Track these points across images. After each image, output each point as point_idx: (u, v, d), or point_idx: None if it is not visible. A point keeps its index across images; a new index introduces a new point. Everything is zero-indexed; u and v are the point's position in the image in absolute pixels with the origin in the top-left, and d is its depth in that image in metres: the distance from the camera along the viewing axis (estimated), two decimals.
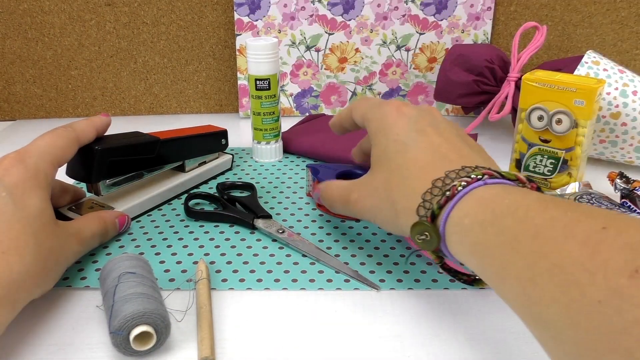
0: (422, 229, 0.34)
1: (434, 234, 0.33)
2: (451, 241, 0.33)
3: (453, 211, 0.32)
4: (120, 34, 0.80)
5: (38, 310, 0.40)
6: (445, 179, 0.34)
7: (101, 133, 0.48)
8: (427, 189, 0.35)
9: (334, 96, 0.83)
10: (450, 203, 0.33)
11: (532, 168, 0.56)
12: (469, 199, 0.32)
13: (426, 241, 0.34)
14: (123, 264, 0.39)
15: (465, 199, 0.32)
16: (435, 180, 0.34)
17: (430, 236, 0.34)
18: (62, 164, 0.43)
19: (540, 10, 0.79)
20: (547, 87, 0.53)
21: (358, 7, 0.78)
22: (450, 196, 0.33)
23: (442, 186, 0.34)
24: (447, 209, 0.33)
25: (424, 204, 0.34)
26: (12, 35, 0.79)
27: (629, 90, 0.59)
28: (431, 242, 0.34)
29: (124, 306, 0.35)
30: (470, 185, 0.33)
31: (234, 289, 0.43)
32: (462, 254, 0.33)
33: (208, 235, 0.50)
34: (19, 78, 0.82)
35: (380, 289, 0.42)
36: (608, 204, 0.48)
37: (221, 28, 0.81)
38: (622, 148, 0.61)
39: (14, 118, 0.85)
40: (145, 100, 0.85)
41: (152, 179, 0.57)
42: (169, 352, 0.36)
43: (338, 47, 0.80)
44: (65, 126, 0.44)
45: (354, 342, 0.37)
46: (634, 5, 0.77)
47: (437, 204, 0.33)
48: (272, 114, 0.65)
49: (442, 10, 0.78)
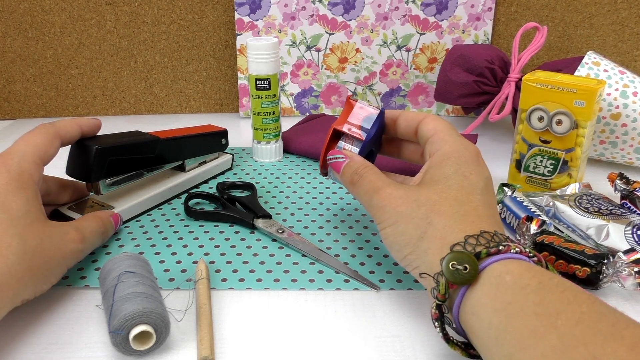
0: (464, 259, 0.31)
1: (474, 270, 0.31)
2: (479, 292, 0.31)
3: (496, 264, 0.31)
4: (120, 34, 0.80)
5: (38, 309, 0.40)
6: (494, 235, 0.33)
7: (87, 132, 0.47)
8: (475, 233, 0.33)
9: (334, 96, 0.83)
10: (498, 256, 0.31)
11: (532, 169, 0.56)
12: (516, 263, 0.31)
13: (460, 273, 0.31)
14: (123, 264, 0.39)
15: (512, 261, 0.31)
16: (484, 232, 0.33)
17: (469, 269, 0.31)
18: (46, 161, 0.42)
19: (541, 11, 0.79)
20: (547, 87, 0.53)
21: (359, 7, 0.78)
22: (503, 251, 0.31)
23: (490, 239, 0.33)
24: (492, 259, 0.31)
25: (465, 245, 0.32)
26: (12, 34, 0.79)
27: (629, 91, 0.59)
28: (465, 277, 0.31)
29: (123, 305, 0.35)
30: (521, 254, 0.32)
31: (233, 289, 0.43)
32: (486, 308, 0.30)
33: (208, 235, 0.50)
34: (19, 77, 0.82)
35: (380, 289, 0.42)
36: (608, 204, 0.48)
37: (222, 28, 0.81)
38: (622, 149, 0.61)
39: (14, 117, 0.85)
40: (146, 100, 0.85)
41: (152, 178, 0.57)
42: (169, 351, 0.36)
43: (338, 47, 0.80)
44: (45, 124, 0.44)
45: (354, 342, 0.37)
46: (634, 6, 0.77)
47: (487, 250, 0.31)
48: (272, 114, 0.65)
49: (443, 11, 0.78)
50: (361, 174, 0.42)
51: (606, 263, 0.41)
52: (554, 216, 0.49)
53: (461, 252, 0.32)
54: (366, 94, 0.83)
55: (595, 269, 0.40)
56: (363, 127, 0.45)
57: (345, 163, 0.44)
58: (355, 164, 0.43)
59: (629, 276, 0.39)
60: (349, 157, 0.44)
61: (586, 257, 0.41)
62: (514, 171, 0.58)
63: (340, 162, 0.44)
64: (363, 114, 0.45)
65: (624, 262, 0.40)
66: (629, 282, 0.40)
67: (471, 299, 0.31)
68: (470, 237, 0.33)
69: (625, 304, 0.41)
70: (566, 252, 0.42)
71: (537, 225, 0.45)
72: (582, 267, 0.41)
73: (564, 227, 0.48)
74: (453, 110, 0.84)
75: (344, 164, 0.44)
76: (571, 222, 0.48)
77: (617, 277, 0.40)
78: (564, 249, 0.42)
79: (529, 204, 0.50)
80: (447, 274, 0.31)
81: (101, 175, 0.49)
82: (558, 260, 0.42)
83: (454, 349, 0.33)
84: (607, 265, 0.40)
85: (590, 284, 0.41)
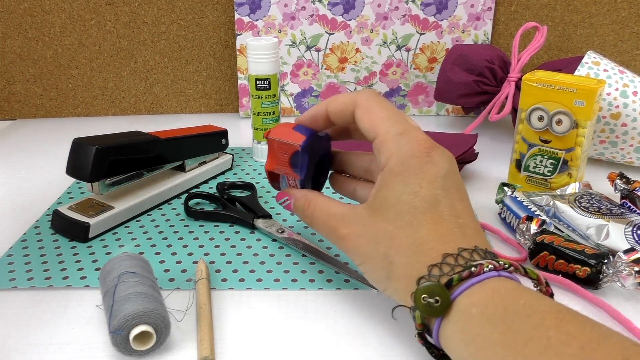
0: (435, 291, 0.30)
1: (446, 301, 0.30)
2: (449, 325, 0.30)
3: (463, 296, 0.30)
4: (120, 34, 0.80)
5: (38, 309, 0.40)
6: (458, 256, 0.31)
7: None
8: (437, 262, 0.31)
9: None
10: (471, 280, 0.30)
11: (532, 168, 0.56)
12: (482, 287, 0.30)
13: (432, 306, 0.30)
14: (123, 264, 0.39)
15: (478, 286, 0.30)
16: (447, 255, 0.31)
17: (440, 302, 0.30)
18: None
19: (541, 11, 0.79)
20: (547, 87, 0.53)
21: (358, 7, 0.78)
22: (476, 273, 0.30)
23: (455, 263, 0.31)
24: (463, 286, 0.30)
25: (429, 277, 0.31)
26: (12, 34, 0.79)
27: (629, 91, 0.59)
28: (438, 309, 0.30)
29: (123, 306, 0.35)
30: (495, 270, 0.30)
31: (233, 289, 0.43)
32: (456, 341, 0.30)
33: (208, 235, 0.50)
34: (19, 77, 0.82)
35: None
36: (608, 204, 0.48)
37: (221, 28, 0.81)
38: (622, 148, 0.61)
39: (14, 117, 0.85)
40: (146, 100, 0.85)
41: (152, 178, 0.57)
42: (169, 351, 0.36)
43: (338, 47, 0.80)
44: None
45: (354, 342, 0.37)
46: (634, 5, 0.77)
47: (459, 276, 0.30)
48: (272, 114, 0.65)
49: (443, 11, 0.78)
50: (309, 215, 0.40)
51: (606, 263, 0.41)
52: (554, 216, 0.49)
53: (431, 284, 0.30)
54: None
55: (596, 269, 0.40)
56: (292, 165, 0.41)
57: (292, 204, 0.42)
58: (299, 202, 0.41)
59: (629, 276, 0.39)
60: (292, 195, 0.42)
61: (586, 257, 0.41)
62: (514, 171, 0.58)
63: (289, 205, 0.42)
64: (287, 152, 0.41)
65: (624, 262, 0.40)
66: (629, 282, 0.40)
67: (444, 332, 0.30)
68: (433, 267, 0.31)
69: (625, 303, 0.41)
70: (566, 251, 0.42)
71: (537, 225, 0.45)
72: (582, 266, 0.41)
73: (564, 227, 0.48)
74: (453, 110, 0.84)
75: (291, 205, 0.42)
76: (571, 222, 0.48)
77: (617, 277, 0.40)
78: (564, 249, 0.42)
79: (529, 204, 0.50)
80: (419, 308, 0.31)
81: (101, 175, 0.49)
82: (558, 260, 0.42)
83: None
84: (607, 265, 0.40)
85: (590, 283, 0.41)
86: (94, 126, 0.81)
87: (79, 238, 0.49)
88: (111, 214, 0.50)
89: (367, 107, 0.38)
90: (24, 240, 0.49)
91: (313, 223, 0.40)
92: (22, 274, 0.44)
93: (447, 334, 0.30)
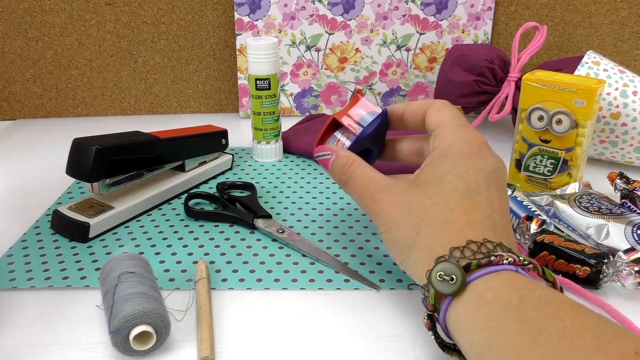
0: (451, 270, 0.30)
1: (462, 281, 0.30)
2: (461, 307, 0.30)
3: (478, 281, 0.30)
4: (120, 34, 0.80)
5: (38, 309, 0.40)
6: (482, 245, 0.32)
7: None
8: (461, 245, 0.32)
9: (334, 96, 0.83)
10: (488, 268, 0.30)
11: (532, 168, 0.56)
12: (498, 276, 0.30)
13: (447, 284, 0.30)
14: (123, 264, 0.39)
15: (496, 275, 0.30)
16: (470, 242, 0.32)
17: (456, 280, 0.30)
18: None
19: (541, 11, 0.79)
20: (547, 87, 0.53)
21: (358, 7, 0.78)
22: (495, 262, 0.30)
23: (477, 250, 0.31)
24: (480, 272, 0.30)
25: (449, 257, 0.32)
26: (12, 34, 0.79)
27: (629, 91, 0.59)
28: (453, 287, 0.30)
29: (123, 306, 0.35)
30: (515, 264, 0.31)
31: (233, 289, 0.43)
32: (467, 325, 0.30)
33: (208, 235, 0.50)
34: (19, 77, 0.82)
35: (380, 289, 0.42)
36: (608, 204, 0.48)
37: (221, 28, 0.81)
38: (622, 148, 0.61)
39: (14, 117, 0.85)
40: (146, 100, 0.85)
41: (152, 178, 0.57)
42: (169, 351, 0.36)
43: (338, 47, 0.80)
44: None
45: (354, 342, 0.37)
46: (634, 5, 0.77)
47: (477, 262, 0.30)
48: (272, 114, 0.65)
49: (443, 10, 0.78)
50: (349, 174, 0.40)
51: (606, 262, 0.41)
52: (554, 216, 0.49)
53: (450, 264, 0.31)
54: (366, 94, 0.83)
55: (596, 269, 0.40)
56: (361, 122, 0.44)
57: (332, 160, 0.42)
58: (340, 161, 0.41)
59: (629, 275, 0.39)
60: (335, 153, 0.42)
61: (586, 257, 0.41)
62: (514, 171, 0.58)
63: (327, 160, 0.42)
64: (366, 110, 0.44)
65: (624, 262, 0.40)
66: (629, 282, 0.40)
67: (453, 315, 0.31)
68: (455, 250, 0.32)
69: (625, 303, 0.41)
70: (566, 251, 0.42)
71: (537, 224, 0.45)
72: (582, 266, 0.41)
73: (564, 227, 0.48)
74: None
75: (330, 161, 0.42)
76: (571, 222, 0.48)
77: (617, 277, 0.40)
78: (564, 249, 0.42)
79: (529, 204, 0.50)
80: (434, 284, 0.31)
81: (101, 175, 0.49)
82: (558, 260, 0.42)
83: (451, 354, 0.33)
84: (607, 265, 0.40)
85: (590, 283, 0.41)
86: (94, 126, 0.81)
87: (79, 238, 0.49)
88: (111, 214, 0.50)
89: (439, 107, 0.41)
90: (24, 240, 0.49)
91: (350, 182, 0.40)
92: (22, 274, 0.44)
93: (458, 317, 0.30)
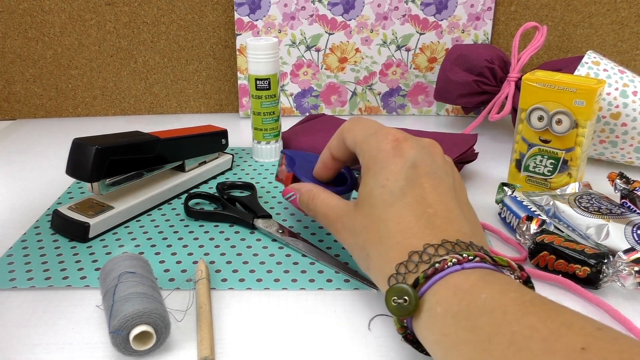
0: (403, 290, 0.30)
1: (415, 299, 0.30)
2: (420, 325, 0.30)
3: (428, 294, 0.30)
4: (120, 34, 0.80)
5: (38, 309, 0.40)
6: (422, 254, 0.31)
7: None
8: (403, 260, 0.32)
9: (334, 96, 0.83)
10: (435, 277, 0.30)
11: (532, 168, 0.56)
12: (446, 284, 0.30)
13: (402, 307, 0.30)
14: (123, 264, 0.39)
15: (441, 283, 0.30)
16: (412, 252, 0.32)
17: (409, 301, 0.30)
18: None
19: (541, 11, 0.79)
20: (547, 87, 0.53)
21: (358, 7, 0.78)
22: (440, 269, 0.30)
23: (419, 260, 0.31)
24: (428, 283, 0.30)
25: (397, 276, 0.32)
26: (12, 34, 0.79)
27: (629, 91, 0.59)
28: (408, 309, 0.30)
29: (123, 306, 0.35)
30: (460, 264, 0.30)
31: (233, 289, 0.43)
32: (428, 341, 0.30)
33: (208, 235, 0.50)
34: (19, 77, 0.82)
35: (379, 289, 0.42)
36: (608, 204, 0.48)
37: (221, 28, 0.81)
38: (622, 148, 0.61)
39: (14, 117, 0.85)
40: (146, 100, 0.85)
41: (152, 178, 0.57)
42: (169, 352, 0.36)
43: (338, 47, 0.80)
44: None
45: (354, 342, 0.37)
46: (634, 5, 0.77)
47: (424, 274, 0.30)
48: (272, 114, 0.65)
49: (443, 10, 0.78)
50: (312, 208, 0.42)
51: (606, 262, 0.41)
52: (554, 216, 0.49)
53: (400, 285, 0.31)
54: (366, 94, 0.83)
55: (595, 269, 0.40)
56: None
57: (297, 198, 0.44)
58: (303, 197, 0.44)
59: (629, 275, 0.39)
60: (297, 191, 0.44)
61: (586, 257, 0.41)
62: (514, 171, 0.58)
63: (295, 199, 0.45)
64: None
65: (624, 262, 0.40)
66: (629, 282, 0.40)
67: (417, 332, 0.31)
68: (400, 265, 0.32)
69: (625, 303, 0.41)
70: (566, 251, 0.42)
71: (537, 224, 0.45)
72: (582, 266, 0.41)
73: (564, 227, 0.48)
74: (453, 110, 0.84)
75: (297, 199, 0.45)
76: (571, 222, 0.48)
77: (617, 277, 0.40)
78: (564, 249, 0.42)
79: (529, 204, 0.50)
80: (393, 311, 0.31)
81: (101, 175, 0.49)
82: (558, 260, 0.42)
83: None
84: (607, 265, 0.41)
85: (590, 283, 0.41)
86: (94, 126, 0.81)
87: (79, 238, 0.49)
88: (111, 214, 0.50)
89: (349, 127, 0.41)
90: (24, 240, 0.49)
91: (315, 215, 0.43)
92: (22, 274, 0.44)
93: (420, 334, 0.31)
